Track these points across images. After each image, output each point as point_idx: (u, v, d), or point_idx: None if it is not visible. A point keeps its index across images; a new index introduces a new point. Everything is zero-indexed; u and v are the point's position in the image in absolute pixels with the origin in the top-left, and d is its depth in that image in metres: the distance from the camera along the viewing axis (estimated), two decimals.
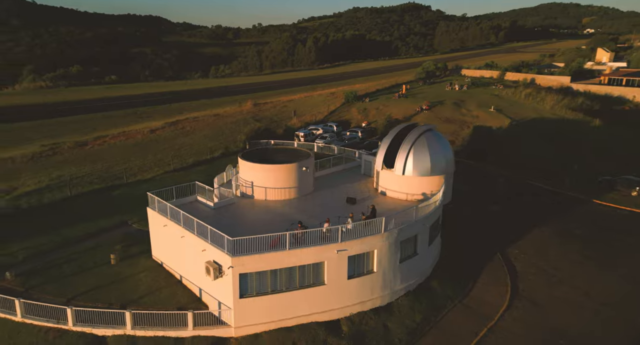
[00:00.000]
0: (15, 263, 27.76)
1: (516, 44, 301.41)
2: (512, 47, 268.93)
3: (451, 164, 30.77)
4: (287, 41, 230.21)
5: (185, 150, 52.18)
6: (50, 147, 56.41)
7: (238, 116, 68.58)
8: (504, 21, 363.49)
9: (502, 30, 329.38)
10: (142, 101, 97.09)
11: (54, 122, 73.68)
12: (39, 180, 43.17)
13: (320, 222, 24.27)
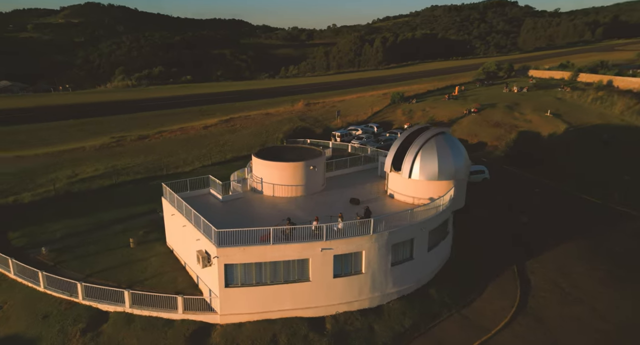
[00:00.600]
0: (53, 240, 31.36)
1: (616, 41, 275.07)
2: (609, 45, 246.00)
3: (463, 170, 29.84)
4: (354, 42, 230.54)
5: (228, 146, 54.93)
6: (117, 139, 62.11)
7: (286, 115, 70.66)
8: (603, 16, 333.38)
9: (600, 26, 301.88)
10: (210, 99, 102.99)
11: (130, 117, 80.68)
12: (96, 168, 47.89)
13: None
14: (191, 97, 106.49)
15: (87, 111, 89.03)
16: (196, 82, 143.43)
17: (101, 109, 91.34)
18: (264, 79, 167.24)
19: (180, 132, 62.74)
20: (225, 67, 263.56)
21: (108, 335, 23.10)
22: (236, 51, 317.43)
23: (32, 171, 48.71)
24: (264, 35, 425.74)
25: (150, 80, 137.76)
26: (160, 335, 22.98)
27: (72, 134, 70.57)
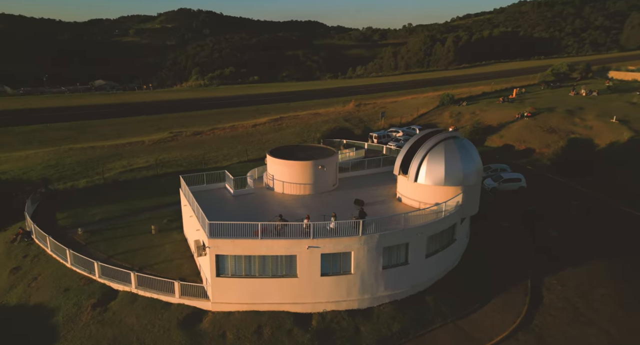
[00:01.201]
0: (91, 222, 34.88)
1: None
2: None
3: (473, 176, 28.77)
4: (424, 41, 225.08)
5: (269, 143, 56.89)
6: (175, 135, 66.80)
7: (333, 115, 71.52)
8: None
9: None
10: (270, 99, 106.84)
11: (194, 115, 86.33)
12: (147, 160, 52.04)
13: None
14: (254, 97, 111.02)
15: (158, 108, 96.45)
16: (262, 82, 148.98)
17: (170, 106, 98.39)
18: (327, 79, 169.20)
19: (230, 130, 65.98)
20: (297, 68, 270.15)
21: (113, 311, 25.49)
22: (308, 52, 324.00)
23: (96, 160, 53.97)
24: (337, 36, 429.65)
25: (221, 80, 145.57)
26: (156, 316, 24.93)
27: (141, 128, 76.92)
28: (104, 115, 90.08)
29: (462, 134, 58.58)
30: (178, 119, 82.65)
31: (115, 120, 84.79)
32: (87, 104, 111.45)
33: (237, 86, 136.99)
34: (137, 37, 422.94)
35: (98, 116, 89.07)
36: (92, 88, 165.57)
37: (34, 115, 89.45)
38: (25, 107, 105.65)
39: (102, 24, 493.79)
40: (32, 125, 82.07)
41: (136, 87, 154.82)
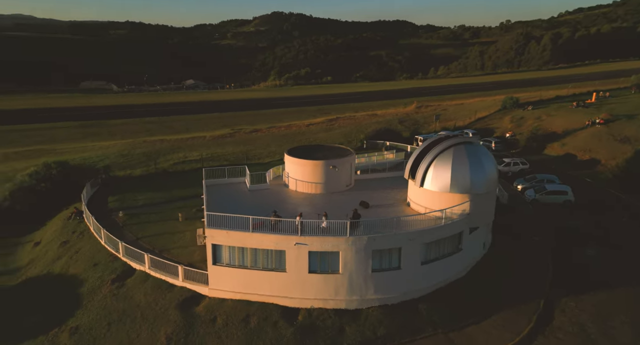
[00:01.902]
0: (133, 207, 38.71)
1: None
2: None
3: (482, 185, 27.43)
4: (516, 39, 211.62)
5: (314, 142, 58.11)
6: (235, 131, 70.90)
7: (389, 117, 70.99)
8: None
9: None
10: (336, 99, 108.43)
11: (260, 113, 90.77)
12: (200, 154, 56.03)
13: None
14: (322, 97, 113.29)
15: (232, 106, 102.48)
16: (335, 83, 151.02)
17: (242, 105, 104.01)
18: (402, 80, 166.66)
19: (285, 128, 68.36)
20: (379, 68, 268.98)
21: (128, 287, 28.35)
22: (392, 52, 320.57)
23: (160, 152, 59.21)
24: (424, 35, 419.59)
25: (296, 80, 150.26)
26: (160, 295, 27.30)
27: (210, 124, 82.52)
28: (182, 111, 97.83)
29: (519, 141, 55.63)
30: (245, 117, 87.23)
31: (190, 116, 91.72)
32: (173, 101, 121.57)
33: (309, 86, 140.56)
34: (233, 40, 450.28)
35: (177, 112, 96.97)
36: (183, 87, 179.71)
37: (127, 111, 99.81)
38: (123, 103, 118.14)
39: (205, 28, 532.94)
40: (122, 119, 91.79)
41: (219, 87, 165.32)
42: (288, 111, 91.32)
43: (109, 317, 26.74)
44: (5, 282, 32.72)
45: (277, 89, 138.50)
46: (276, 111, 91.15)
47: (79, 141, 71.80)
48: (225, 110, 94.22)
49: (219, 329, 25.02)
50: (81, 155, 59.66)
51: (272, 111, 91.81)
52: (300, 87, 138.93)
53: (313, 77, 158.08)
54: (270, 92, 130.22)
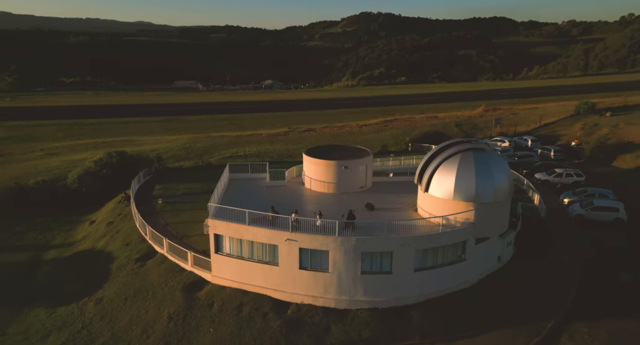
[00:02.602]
0: (173, 195, 42.03)
1: None
2: None
3: (489, 194, 26.03)
4: (631, 36, 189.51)
5: (361, 143, 58.11)
6: (290, 130, 73.28)
7: (447, 119, 68.73)
8: None
9: None
10: (404, 100, 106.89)
11: (324, 113, 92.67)
12: (249, 150, 58.93)
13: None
14: (389, 98, 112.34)
15: (299, 105, 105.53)
16: (409, 83, 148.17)
17: (308, 105, 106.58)
18: (483, 81, 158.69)
19: (338, 129, 69.15)
20: (467, 68, 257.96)
21: (147, 267, 31.16)
22: (483, 51, 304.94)
23: (215, 146, 63.25)
24: (524, 32, 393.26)
25: (369, 81, 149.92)
26: (171, 277, 29.65)
27: (272, 122, 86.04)
28: (253, 110, 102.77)
29: (584, 151, 50.91)
30: (307, 116, 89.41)
31: (258, 114, 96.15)
32: (247, 100, 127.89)
33: (381, 87, 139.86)
34: (320, 41, 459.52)
35: (248, 110, 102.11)
36: (261, 87, 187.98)
37: (203, 108, 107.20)
38: (203, 101, 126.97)
39: (295, 30, 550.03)
40: (198, 115, 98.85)
41: (292, 87, 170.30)
42: (350, 111, 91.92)
43: (126, 292, 29.67)
44: (61, 254, 37.45)
45: (347, 90, 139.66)
46: (339, 111, 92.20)
47: (157, 134, 78.79)
48: (291, 110, 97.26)
49: (214, 314, 26.67)
50: (153, 146, 65.58)
51: (335, 111, 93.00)
52: (372, 88, 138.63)
53: (387, 78, 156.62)
54: (340, 92, 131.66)
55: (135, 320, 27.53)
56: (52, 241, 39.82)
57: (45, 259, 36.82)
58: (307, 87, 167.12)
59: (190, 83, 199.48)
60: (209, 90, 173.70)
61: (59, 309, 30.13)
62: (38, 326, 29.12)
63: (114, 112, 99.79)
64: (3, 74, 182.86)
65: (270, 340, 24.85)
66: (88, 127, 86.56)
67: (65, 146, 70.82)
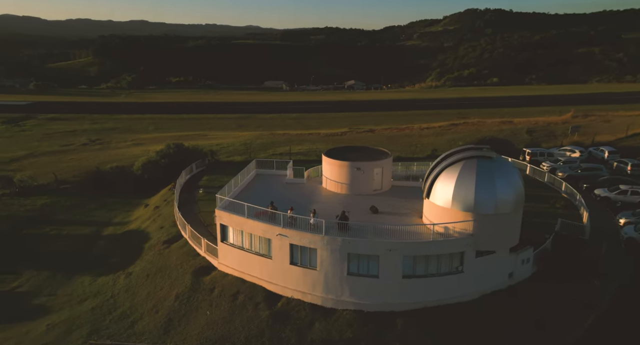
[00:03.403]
0: (213, 187, 44.71)
1: None
2: None
3: (490, 205, 24.34)
4: None
5: (415, 147, 56.85)
6: (350, 130, 73.74)
7: (520, 125, 64.44)
8: None
9: None
10: (484, 102, 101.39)
11: (394, 114, 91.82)
12: (300, 148, 60.59)
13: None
14: (471, 100, 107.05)
15: (371, 106, 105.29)
16: (502, 85, 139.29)
17: (382, 105, 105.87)
18: (593, 83, 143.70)
19: (397, 131, 68.02)
20: (588, 68, 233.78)
21: (170, 250, 34.10)
22: (609, 49, 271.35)
23: (272, 143, 66.10)
24: None
25: (456, 81, 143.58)
26: (186, 260, 32.17)
27: (339, 122, 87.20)
28: (324, 109, 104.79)
29: None
30: (376, 117, 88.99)
31: (329, 114, 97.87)
32: (323, 99, 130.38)
33: (468, 88, 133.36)
34: (418, 40, 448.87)
35: (319, 110, 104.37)
36: (344, 87, 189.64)
37: (278, 107, 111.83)
38: (280, 100, 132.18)
39: (393, 30, 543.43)
40: (271, 114, 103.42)
41: (372, 87, 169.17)
42: (423, 113, 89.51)
43: (149, 270, 32.87)
44: (116, 231, 42.30)
45: (429, 91, 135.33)
46: (410, 113, 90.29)
47: (229, 130, 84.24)
48: (362, 110, 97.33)
49: (213, 298, 28.53)
50: (219, 141, 70.45)
51: (407, 113, 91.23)
52: (457, 89, 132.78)
53: (477, 78, 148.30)
54: (420, 93, 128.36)
55: (151, 296, 30.42)
56: (113, 220, 45.02)
57: (103, 234, 41.84)
58: (389, 88, 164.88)
59: (277, 83, 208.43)
60: (291, 90, 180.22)
61: (99, 279, 34.28)
62: (80, 291, 33.47)
63: (200, 109, 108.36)
64: (125, 74, 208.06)
65: (257, 329, 25.97)
66: (176, 121, 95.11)
67: (150, 138, 78.85)
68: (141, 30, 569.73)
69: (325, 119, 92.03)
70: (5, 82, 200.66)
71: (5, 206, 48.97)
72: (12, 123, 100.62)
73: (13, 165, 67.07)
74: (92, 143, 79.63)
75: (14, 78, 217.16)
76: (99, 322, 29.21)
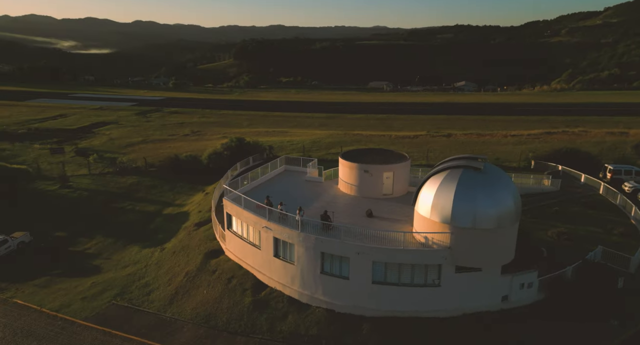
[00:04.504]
0: None
1: None
2: None
3: (467, 219, 22.57)
4: None
5: (485, 154, 52.96)
6: (426, 134, 71.25)
7: (630, 138, 56.04)
8: None
9: None
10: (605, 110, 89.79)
11: (485, 119, 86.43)
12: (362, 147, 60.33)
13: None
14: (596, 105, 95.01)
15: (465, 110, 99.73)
16: None
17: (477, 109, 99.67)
18: None
19: (475, 137, 63.95)
20: None
21: (197, 232, 37.44)
22: None
23: (339, 143, 66.90)
24: None
25: (590, 84, 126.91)
26: (204, 243, 35.13)
27: (422, 124, 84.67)
28: (412, 111, 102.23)
29: None
30: (466, 121, 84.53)
31: (414, 116, 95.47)
32: (418, 101, 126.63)
33: (601, 92, 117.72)
34: (567, 36, 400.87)
35: (405, 112, 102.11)
36: (451, 88, 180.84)
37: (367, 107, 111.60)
38: (375, 101, 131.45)
39: (537, 25, 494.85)
40: (357, 114, 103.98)
41: (482, 89, 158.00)
42: (525, 119, 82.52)
43: (176, 247, 36.69)
44: (173, 211, 47.46)
45: (546, 94, 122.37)
46: (510, 118, 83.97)
47: (310, 128, 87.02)
48: (454, 113, 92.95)
49: (212, 279, 30.99)
50: (294, 137, 73.61)
51: (505, 118, 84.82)
52: (588, 93, 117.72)
53: (618, 81, 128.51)
54: (535, 97, 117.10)
55: (170, 271, 34.04)
56: (175, 201, 50.49)
57: (162, 213, 47.29)
58: (504, 90, 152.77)
59: (381, 84, 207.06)
60: (392, 90, 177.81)
61: (143, 251, 39.18)
62: (126, 259, 38.67)
63: (294, 107, 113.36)
64: (244, 74, 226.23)
65: (238, 313, 27.74)
66: (268, 118, 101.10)
67: (238, 131, 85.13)
68: (277, 34, 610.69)
69: (410, 120, 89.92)
70: (152, 81, 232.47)
71: (105, 182, 57.56)
72: (143, 115, 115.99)
73: (126, 149, 77.81)
74: (192, 134, 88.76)
75: (162, 77, 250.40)
76: (127, 286, 33.53)
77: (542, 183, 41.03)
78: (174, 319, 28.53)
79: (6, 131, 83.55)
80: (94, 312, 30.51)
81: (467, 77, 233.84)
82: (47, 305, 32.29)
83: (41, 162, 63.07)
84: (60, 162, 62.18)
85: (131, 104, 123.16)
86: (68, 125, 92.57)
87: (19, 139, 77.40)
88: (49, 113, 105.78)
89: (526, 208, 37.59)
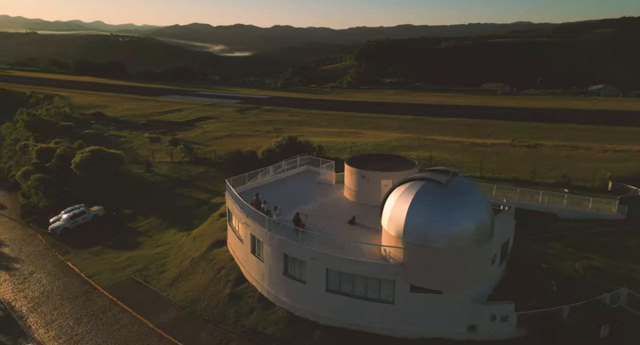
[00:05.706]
0: None
1: None
2: None
3: (418, 235, 20.49)
4: None
5: (554, 171, 46.95)
6: (510, 142, 65.06)
7: None
8: None
9: None
10: None
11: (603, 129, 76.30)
12: (419, 154, 57.40)
13: None
14: None
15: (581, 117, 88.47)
16: None
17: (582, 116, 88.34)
18: None
19: (567, 149, 56.85)
20: None
21: (218, 221, 39.49)
22: None
23: (404, 147, 64.58)
24: None
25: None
26: (217, 232, 37.01)
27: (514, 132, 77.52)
28: (511, 117, 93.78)
29: None
30: (571, 132, 75.36)
31: (508, 122, 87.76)
32: (528, 106, 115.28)
33: None
34: None
35: (504, 117, 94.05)
36: (584, 92, 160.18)
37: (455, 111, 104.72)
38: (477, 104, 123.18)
39: None
40: (444, 118, 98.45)
41: (620, 94, 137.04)
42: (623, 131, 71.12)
43: (197, 234, 39.32)
44: (217, 201, 50.13)
45: None
46: (632, 129, 73.18)
47: (387, 131, 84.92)
48: (560, 122, 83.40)
49: (206, 268, 32.72)
50: (362, 140, 72.84)
51: (627, 129, 74.09)
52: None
53: None
54: None
55: (183, 254, 36.68)
56: (223, 192, 53.73)
57: (209, 201, 50.56)
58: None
59: (495, 86, 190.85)
60: (506, 93, 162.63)
61: (177, 234, 42.69)
62: (162, 239, 42.54)
63: (380, 109, 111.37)
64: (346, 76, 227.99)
65: (216, 303, 28.97)
66: (350, 119, 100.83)
67: (313, 131, 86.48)
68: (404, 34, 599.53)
69: (502, 127, 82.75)
70: (264, 81, 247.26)
71: (179, 170, 63.38)
72: (241, 112, 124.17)
73: (212, 141, 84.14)
74: (274, 131, 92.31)
75: (272, 77, 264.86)
76: (149, 264, 36.96)
77: (604, 208, 35.12)
78: (167, 300, 30.71)
79: (132, 121, 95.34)
80: (113, 282, 34.16)
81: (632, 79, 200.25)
82: (85, 270, 36.97)
83: (142, 149, 71.32)
84: (152, 150, 69.73)
85: (237, 101, 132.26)
86: (179, 118, 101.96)
87: (137, 129, 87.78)
88: (170, 107, 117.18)
89: (567, 234, 32.74)
